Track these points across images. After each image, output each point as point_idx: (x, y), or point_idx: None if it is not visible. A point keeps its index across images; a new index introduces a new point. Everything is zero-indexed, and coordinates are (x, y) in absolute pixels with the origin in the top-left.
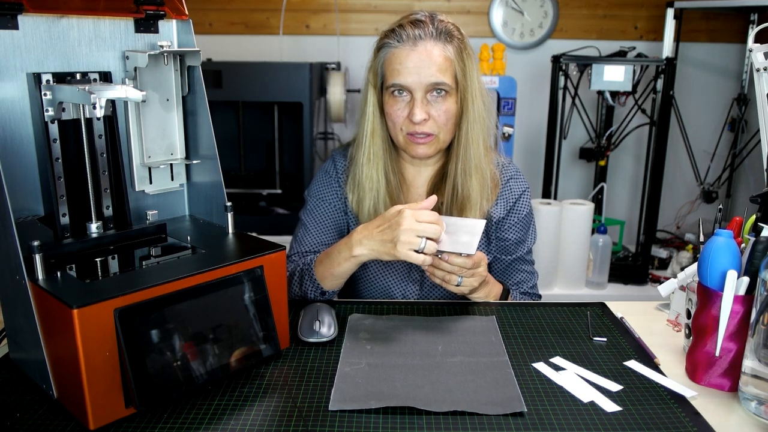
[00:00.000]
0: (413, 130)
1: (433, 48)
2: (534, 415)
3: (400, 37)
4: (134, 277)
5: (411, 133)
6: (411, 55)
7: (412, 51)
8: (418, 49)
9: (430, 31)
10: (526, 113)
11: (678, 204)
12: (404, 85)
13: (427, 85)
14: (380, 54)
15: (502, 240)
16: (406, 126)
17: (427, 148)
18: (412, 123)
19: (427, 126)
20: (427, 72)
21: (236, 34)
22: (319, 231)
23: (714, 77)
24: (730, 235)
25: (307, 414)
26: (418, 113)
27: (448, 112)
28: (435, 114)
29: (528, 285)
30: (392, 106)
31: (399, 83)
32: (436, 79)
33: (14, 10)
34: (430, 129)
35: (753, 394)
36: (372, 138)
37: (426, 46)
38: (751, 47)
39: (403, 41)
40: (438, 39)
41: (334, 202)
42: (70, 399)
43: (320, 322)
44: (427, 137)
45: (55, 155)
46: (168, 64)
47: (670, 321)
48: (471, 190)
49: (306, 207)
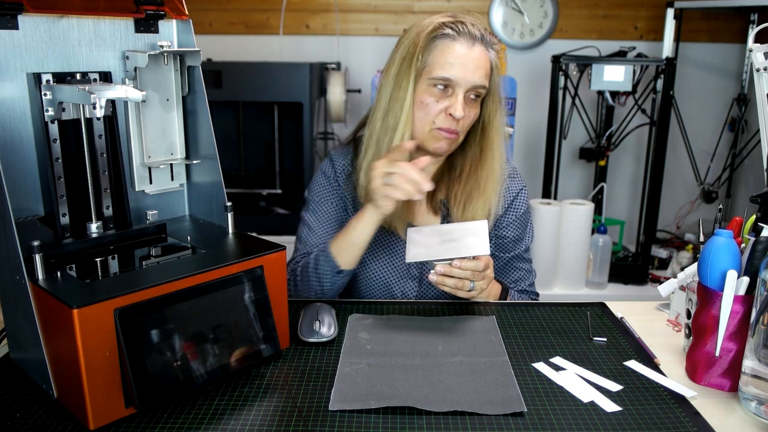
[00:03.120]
0: (448, 126)
1: (486, 52)
2: (534, 415)
3: (460, 30)
4: (134, 277)
5: (444, 127)
6: (470, 52)
7: (471, 48)
8: (475, 48)
9: (485, 35)
10: (526, 113)
11: (678, 204)
12: (454, 79)
13: (473, 85)
14: (433, 42)
15: (500, 238)
16: (440, 120)
17: (450, 144)
18: (451, 118)
19: (460, 124)
20: (477, 73)
21: (236, 34)
22: (324, 230)
23: (714, 77)
24: (730, 235)
25: (307, 414)
26: (460, 109)
27: (474, 117)
28: (466, 115)
29: (526, 283)
30: (430, 96)
31: (448, 77)
32: (482, 82)
33: (14, 10)
34: (460, 127)
35: (753, 394)
36: (405, 127)
37: (481, 47)
38: (751, 47)
39: (463, 35)
40: (487, 44)
41: (336, 201)
42: (70, 399)
43: (320, 322)
44: (456, 135)
45: (55, 155)
46: (168, 64)
47: (670, 321)
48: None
49: (309, 207)
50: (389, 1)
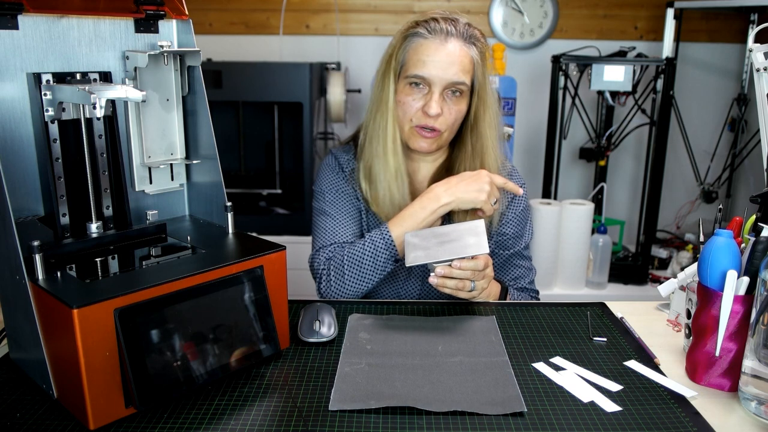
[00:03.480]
0: (424, 123)
1: (462, 47)
2: (534, 415)
3: (431, 28)
4: (134, 277)
5: (420, 125)
6: (440, 49)
7: (442, 46)
8: (447, 44)
9: (460, 30)
10: (526, 113)
11: (678, 204)
12: (427, 77)
13: (449, 82)
14: (407, 42)
15: (500, 235)
16: (417, 118)
17: (431, 143)
18: (426, 116)
19: (438, 121)
20: (451, 70)
21: (236, 34)
22: (342, 216)
23: (714, 77)
24: (730, 235)
25: (307, 414)
26: (435, 106)
27: (459, 113)
28: (447, 112)
29: (526, 280)
30: (407, 95)
31: (422, 75)
32: (458, 79)
33: (14, 10)
34: (439, 125)
35: (753, 394)
36: (394, 126)
37: (455, 43)
38: (751, 47)
39: (434, 34)
40: (466, 40)
41: (347, 189)
42: (70, 399)
43: (320, 322)
44: (434, 132)
45: (55, 155)
46: (168, 64)
47: (670, 321)
48: None
49: (322, 197)
50: (389, 1)
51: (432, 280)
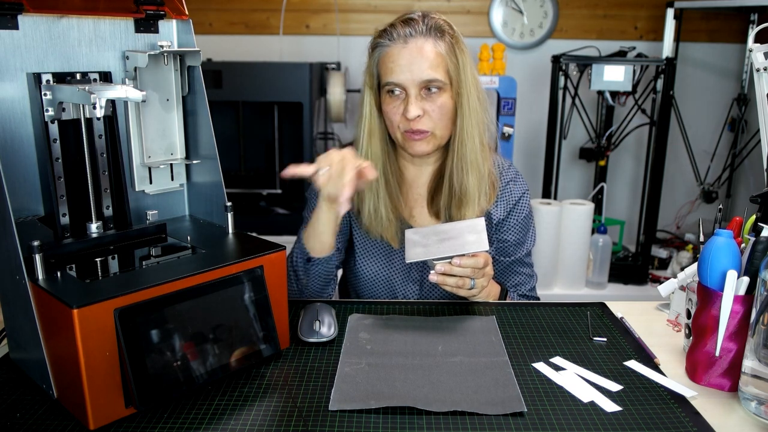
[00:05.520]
0: (409, 128)
1: (424, 44)
2: (534, 415)
3: (391, 35)
4: (134, 277)
5: (407, 130)
6: (402, 52)
7: (404, 48)
8: (409, 46)
9: (420, 28)
10: (526, 113)
11: (678, 204)
12: (398, 82)
13: (420, 81)
14: (374, 54)
15: (502, 241)
16: (402, 124)
17: (425, 144)
18: (408, 120)
19: (422, 123)
20: (419, 69)
21: (236, 34)
22: None
23: (714, 77)
24: (730, 235)
25: (307, 414)
26: (412, 110)
27: (442, 108)
28: (430, 110)
29: (526, 287)
30: (388, 105)
31: (393, 81)
32: (429, 76)
33: (14, 10)
34: (425, 126)
35: (753, 394)
36: (370, 139)
37: (417, 42)
38: (751, 47)
39: (395, 39)
40: (429, 35)
41: None
42: (70, 399)
43: (320, 322)
44: (423, 134)
45: (55, 155)
46: (168, 64)
47: (670, 321)
48: (468, 186)
49: (309, 206)
50: (389, 1)
51: (432, 277)
